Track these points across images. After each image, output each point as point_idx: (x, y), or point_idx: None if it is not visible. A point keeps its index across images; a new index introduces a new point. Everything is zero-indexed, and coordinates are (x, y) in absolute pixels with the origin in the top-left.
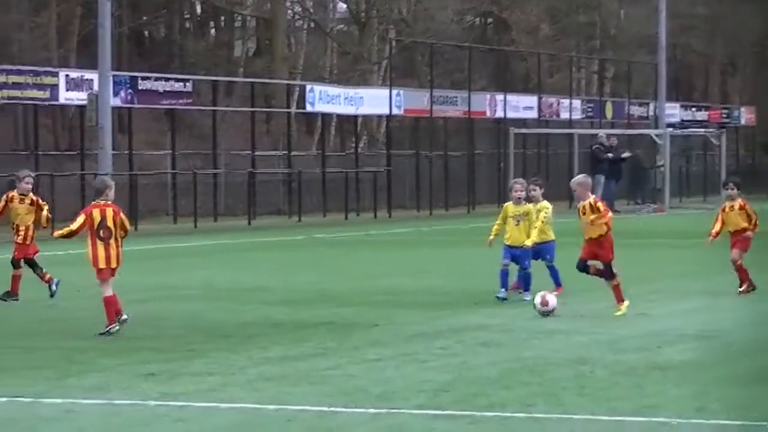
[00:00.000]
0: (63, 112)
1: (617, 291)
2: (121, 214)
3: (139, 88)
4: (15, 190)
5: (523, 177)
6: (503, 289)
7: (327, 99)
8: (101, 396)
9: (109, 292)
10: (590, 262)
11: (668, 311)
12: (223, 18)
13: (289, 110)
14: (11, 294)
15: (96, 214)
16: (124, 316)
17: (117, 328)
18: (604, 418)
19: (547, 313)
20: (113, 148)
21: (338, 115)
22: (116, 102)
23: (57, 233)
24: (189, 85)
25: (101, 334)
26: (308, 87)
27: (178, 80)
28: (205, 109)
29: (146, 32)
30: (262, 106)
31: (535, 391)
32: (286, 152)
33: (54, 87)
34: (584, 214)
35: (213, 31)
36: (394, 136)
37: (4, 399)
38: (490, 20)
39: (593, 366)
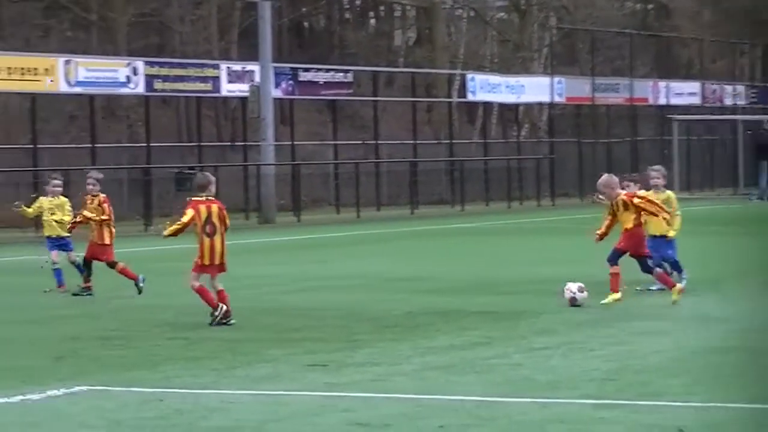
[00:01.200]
0: (225, 104)
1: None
2: (223, 210)
3: (300, 79)
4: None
5: (687, 164)
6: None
7: (488, 88)
8: (268, 387)
9: (196, 285)
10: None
11: None
12: (382, 8)
13: (450, 99)
14: (137, 284)
15: (202, 210)
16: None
17: (226, 310)
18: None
19: (575, 304)
20: (275, 139)
21: (499, 104)
22: (277, 93)
23: (166, 233)
24: (350, 75)
25: (213, 324)
26: (469, 76)
27: (338, 71)
28: (366, 99)
29: (306, 23)
30: (422, 96)
31: (700, 379)
32: (447, 141)
33: (216, 79)
34: (618, 210)
35: (373, 21)
36: (556, 123)
37: (171, 390)
38: (650, 6)
39: (756, 353)
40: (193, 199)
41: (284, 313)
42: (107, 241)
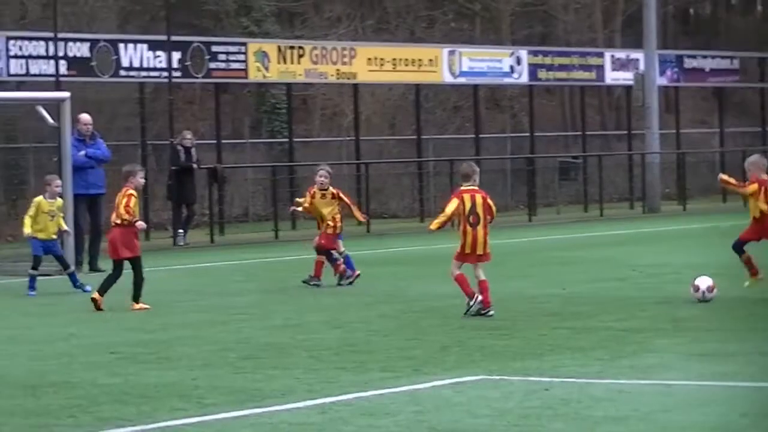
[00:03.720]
0: (609, 93)
1: None
2: (488, 200)
3: (685, 66)
4: (315, 185)
5: None
6: None
7: None
8: (656, 376)
9: (456, 273)
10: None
11: None
12: None
13: None
14: (314, 278)
15: (467, 199)
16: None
17: (492, 313)
18: None
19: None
20: (660, 128)
21: None
22: (662, 81)
23: (433, 226)
24: (736, 62)
25: (467, 314)
26: None
27: (724, 57)
28: (753, 86)
29: (691, 10)
30: None
31: None
32: None
33: (600, 68)
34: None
35: (760, 7)
36: None
37: (556, 380)
38: None
39: None
40: (460, 188)
41: (671, 302)
42: (331, 231)
